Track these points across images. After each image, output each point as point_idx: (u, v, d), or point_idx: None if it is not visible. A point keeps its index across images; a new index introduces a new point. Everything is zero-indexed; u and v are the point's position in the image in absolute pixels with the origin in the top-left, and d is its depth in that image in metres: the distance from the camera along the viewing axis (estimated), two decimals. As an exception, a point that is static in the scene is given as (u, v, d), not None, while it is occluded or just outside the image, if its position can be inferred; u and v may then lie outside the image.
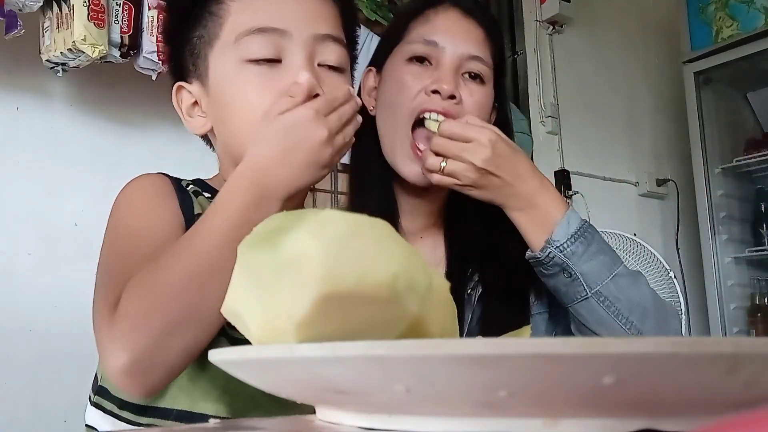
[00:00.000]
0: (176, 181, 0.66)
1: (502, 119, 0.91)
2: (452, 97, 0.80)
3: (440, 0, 0.87)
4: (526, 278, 0.84)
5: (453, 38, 0.84)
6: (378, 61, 0.89)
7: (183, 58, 0.67)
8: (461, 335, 0.80)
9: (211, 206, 0.56)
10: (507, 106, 0.94)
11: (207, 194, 0.67)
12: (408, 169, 0.82)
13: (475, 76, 0.84)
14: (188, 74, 0.67)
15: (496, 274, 0.84)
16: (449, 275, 0.85)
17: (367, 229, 0.34)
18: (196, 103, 0.67)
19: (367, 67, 0.91)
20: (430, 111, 0.81)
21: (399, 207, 0.88)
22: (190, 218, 0.61)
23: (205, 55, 0.64)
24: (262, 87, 0.61)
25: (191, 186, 0.67)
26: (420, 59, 0.84)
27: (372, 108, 0.88)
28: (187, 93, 0.67)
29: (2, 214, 1.37)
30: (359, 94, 0.87)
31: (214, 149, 0.73)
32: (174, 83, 0.68)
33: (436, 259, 0.87)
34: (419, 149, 0.81)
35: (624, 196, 2.68)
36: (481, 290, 0.84)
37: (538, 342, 0.22)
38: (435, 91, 0.80)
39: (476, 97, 0.83)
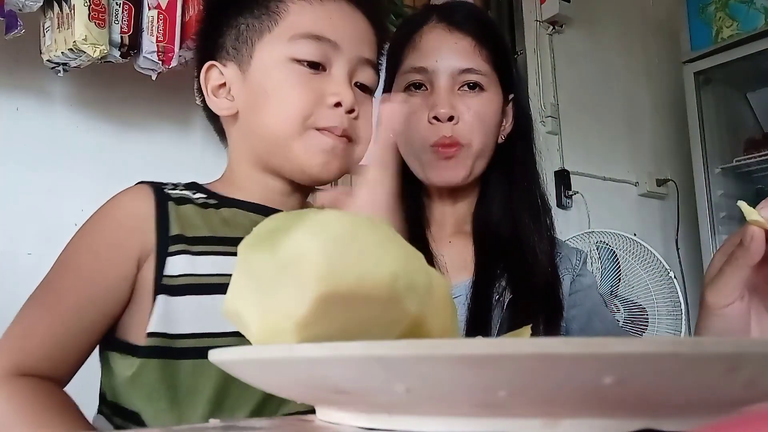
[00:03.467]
0: (161, 197, 0.64)
1: (520, 112, 0.93)
2: (451, 118, 0.83)
3: (425, 20, 0.89)
4: (554, 285, 0.85)
5: (440, 59, 0.86)
6: (385, 91, 0.92)
7: (222, 39, 0.68)
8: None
9: None
10: (525, 99, 0.95)
11: (200, 195, 0.66)
12: (441, 177, 0.85)
13: (473, 86, 0.86)
14: (223, 56, 0.68)
15: (524, 280, 0.84)
16: (477, 280, 0.85)
17: (367, 229, 0.34)
18: (223, 84, 0.67)
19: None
20: (438, 145, 0.84)
21: (428, 215, 0.90)
22: (163, 243, 0.61)
23: (253, 44, 0.66)
24: (303, 85, 0.64)
25: (177, 192, 0.66)
26: (417, 86, 0.87)
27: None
28: (217, 73, 0.67)
29: (2, 214, 1.37)
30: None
31: (222, 139, 0.73)
32: (201, 61, 0.69)
33: (465, 263, 0.87)
34: (440, 149, 0.84)
35: (624, 196, 2.68)
36: (510, 296, 0.83)
37: (538, 342, 0.22)
38: (436, 118, 0.83)
39: (474, 108, 0.85)
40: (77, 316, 0.58)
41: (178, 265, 0.60)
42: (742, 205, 0.54)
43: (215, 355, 0.31)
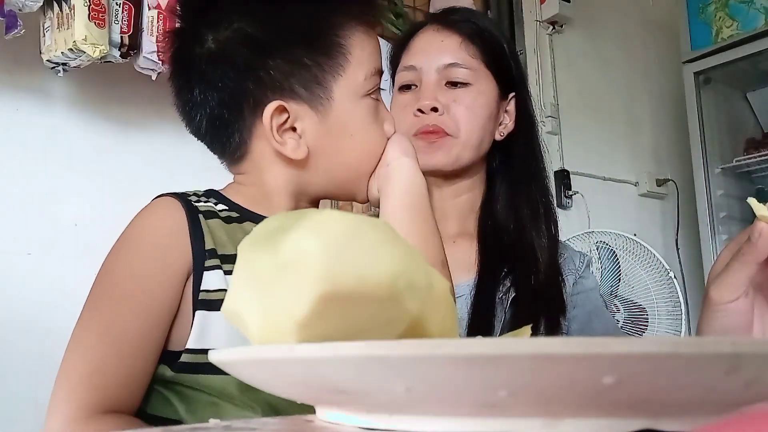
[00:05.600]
0: (190, 210, 0.62)
1: (522, 112, 0.94)
2: (435, 109, 0.86)
3: (422, 26, 0.94)
4: (557, 284, 0.86)
5: (426, 56, 0.89)
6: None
7: (280, 76, 0.62)
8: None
9: None
10: (527, 99, 0.96)
11: (222, 207, 0.65)
12: (425, 161, 0.86)
13: (460, 81, 0.88)
14: (286, 95, 0.62)
15: (528, 279, 0.85)
16: (481, 279, 0.86)
17: (367, 229, 0.34)
18: (284, 123, 0.62)
19: None
20: (421, 132, 0.86)
21: None
22: (200, 257, 0.60)
23: (329, 85, 0.63)
24: (377, 119, 0.67)
25: (203, 204, 0.64)
26: (407, 86, 0.91)
27: None
28: (282, 113, 0.62)
29: (2, 214, 1.37)
30: None
31: (231, 163, 0.68)
32: (261, 97, 0.62)
33: (468, 264, 0.87)
34: (426, 136, 0.86)
35: (624, 196, 2.68)
36: (513, 295, 0.84)
37: (538, 342, 0.22)
38: (420, 110, 0.86)
39: (461, 101, 0.87)
40: (142, 344, 0.57)
41: (215, 279, 0.59)
42: (752, 201, 0.54)
43: (215, 355, 0.31)
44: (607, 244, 2.04)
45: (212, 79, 0.63)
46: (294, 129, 0.63)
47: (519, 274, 0.86)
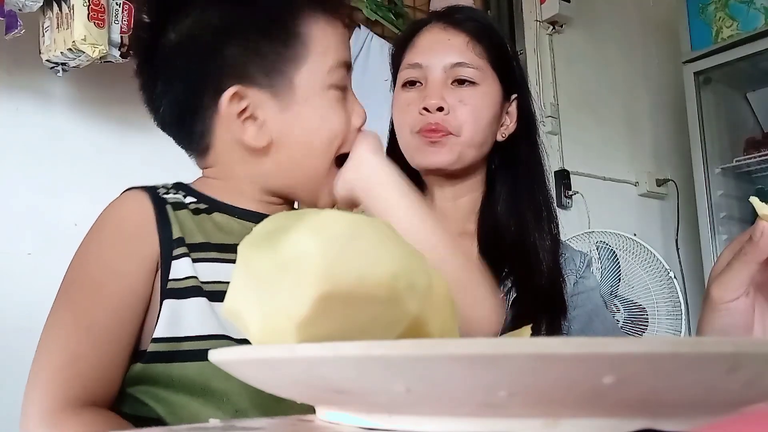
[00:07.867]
0: (157, 201, 0.62)
1: (524, 113, 0.94)
2: (440, 109, 0.86)
3: (426, 23, 0.94)
4: (558, 285, 0.86)
5: (433, 54, 0.89)
6: (392, 90, 0.96)
7: (237, 62, 0.62)
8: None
9: None
10: (529, 100, 0.96)
11: (191, 199, 0.65)
12: (427, 160, 0.87)
13: (466, 80, 0.88)
14: (244, 81, 0.62)
15: (529, 280, 0.85)
16: None
17: (367, 229, 0.34)
18: (244, 111, 0.62)
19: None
20: (425, 132, 0.86)
21: None
22: (167, 247, 0.60)
23: (290, 74, 0.63)
24: (342, 111, 0.65)
25: (172, 196, 0.64)
26: (412, 83, 0.90)
27: None
28: (241, 100, 0.62)
29: (2, 214, 1.37)
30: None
31: (198, 155, 0.68)
32: (220, 84, 0.62)
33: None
34: (428, 134, 0.86)
35: (624, 196, 2.68)
36: (514, 296, 0.84)
37: (538, 342, 0.22)
38: (426, 109, 0.86)
39: (467, 101, 0.87)
40: (115, 332, 0.57)
41: (183, 267, 0.59)
42: (754, 200, 0.55)
43: (215, 355, 0.31)
44: (607, 244, 2.04)
45: (175, 68, 0.64)
46: (256, 118, 0.63)
47: (520, 274, 0.86)
